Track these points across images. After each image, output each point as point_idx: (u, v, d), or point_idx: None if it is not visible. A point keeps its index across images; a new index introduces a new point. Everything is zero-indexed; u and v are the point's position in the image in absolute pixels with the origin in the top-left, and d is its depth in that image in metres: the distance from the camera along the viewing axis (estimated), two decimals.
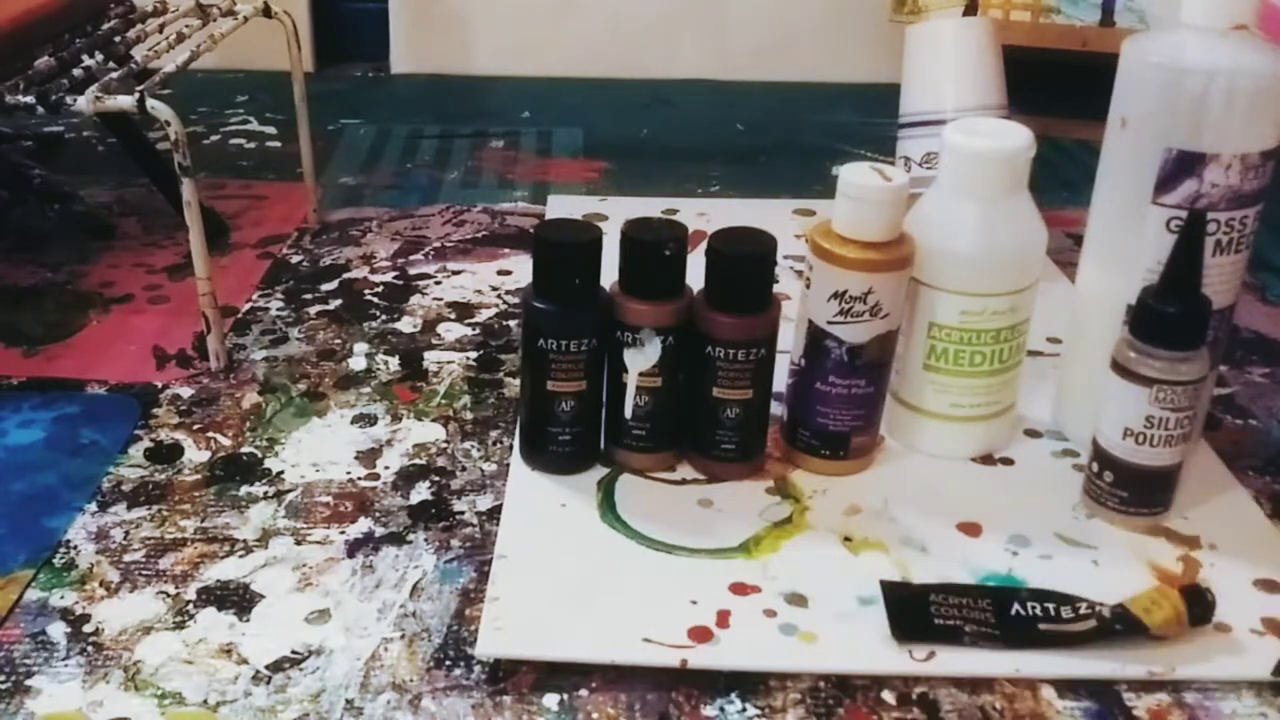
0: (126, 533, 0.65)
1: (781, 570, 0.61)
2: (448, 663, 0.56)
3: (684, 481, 0.69)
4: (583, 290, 0.65)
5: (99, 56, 0.83)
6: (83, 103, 0.74)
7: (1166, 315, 0.61)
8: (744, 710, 0.54)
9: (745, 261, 0.65)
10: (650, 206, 1.04)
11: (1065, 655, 0.56)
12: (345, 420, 0.76)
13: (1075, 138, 1.27)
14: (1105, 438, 0.64)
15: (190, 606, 0.60)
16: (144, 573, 0.62)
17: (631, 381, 0.66)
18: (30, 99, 0.75)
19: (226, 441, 0.74)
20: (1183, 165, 0.62)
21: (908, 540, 0.64)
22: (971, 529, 0.65)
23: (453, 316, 0.90)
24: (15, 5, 0.83)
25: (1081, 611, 0.57)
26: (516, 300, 0.92)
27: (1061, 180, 1.17)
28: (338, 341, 0.86)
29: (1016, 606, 0.57)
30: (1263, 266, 1.00)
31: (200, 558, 0.63)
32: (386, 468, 0.71)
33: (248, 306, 0.91)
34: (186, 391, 0.79)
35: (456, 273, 0.97)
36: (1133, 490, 0.64)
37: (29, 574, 0.62)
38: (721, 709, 0.54)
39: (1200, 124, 0.61)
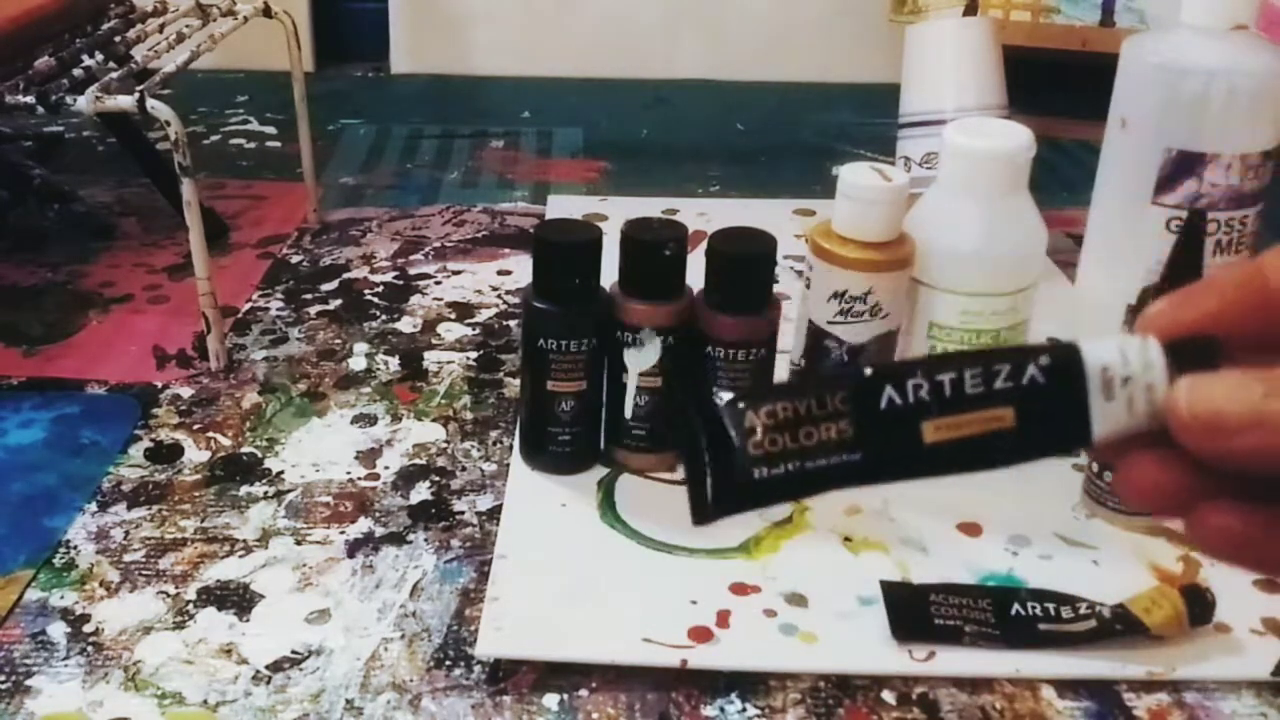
0: (126, 533, 0.65)
1: (781, 570, 0.61)
2: (448, 663, 0.56)
3: (684, 481, 0.68)
4: (583, 290, 0.65)
5: (99, 56, 0.83)
6: (83, 103, 0.74)
7: None
8: (744, 710, 0.54)
9: (745, 261, 0.65)
10: (650, 206, 1.04)
11: (1065, 655, 0.56)
12: (345, 420, 0.76)
13: (1075, 138, 1.27)
14: None
15: (190, 606, 0.60)
16: (144, 573, 0.62)
17: (631, 381, 0.66)
18: (30, 99, 0.75)
19: (226, 441, 0.74)
20: (1183, 165, 0.62)
21: (908, 540, 0.64)
22: (971, 529, 0.65)
23: (453, 316, 0.90)
24: (15, 5, 0.83)
25: (1081, 611, 0.57)
26: (516, 300, 0.92)
27: (1061, 180, 1.17)
28: (338, 341, 0.86)
29: (1016, 606, 0.58)
30: None
31: (200, 558, 0.63)
32: (386, 468, 0.71)
33: (248, 306, 0.91)
34: (186, 391, 0.79)
35: (456, 273, 0.97)
36: None
37: (29, 574, 0.62)
38: (721, 709, 0.54)
39: (1200, 124, 0.61)
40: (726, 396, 0.28)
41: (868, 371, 0.28)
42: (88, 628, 0.58)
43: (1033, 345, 0.27)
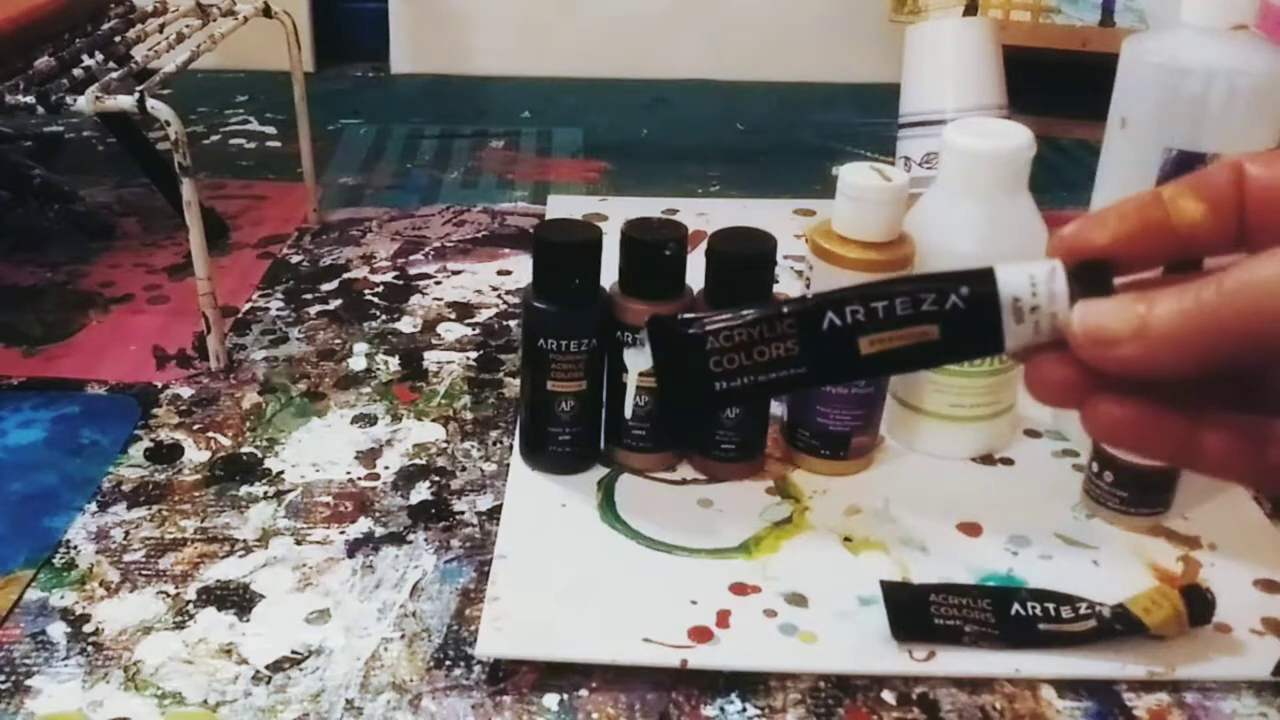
0: (126, 533, 0.65)
1: (781, 570, 0.61)
2: (448, 663, 0.57)
3: (684, 481, 0.69)
4: (583, 290, 0.65)
5: (99, 56, 0.83)
6: (83, 103, 0.74)
7: None
8: (744, 710, 0.54)
9: (745, 261, 0.65)
10: (650, 206, 1.04)
11: (1065, 655, 0.56)
12: (345, 420, 0.76)
13: (1075, 138, 1.27)
14: None
15: (190, 606, 0.60)
16: (144, 573, 0.62)
17: (631, 381, 0.66)
18: (30, 99, 0.75)
19: (226, 441, 0.74)
20: (1183, 165, 0.62)
21: (908, 540, 0.64)
22: (971, 529, 0.65)
23: (453, 316, 0.90)
24: (15, 5, 0.83)
25: (1081, 611, 0.57)
26: (516, 300, 0.92)
27: (1061, 180, 1.17)
28: (338, 341, 0.86)
29: (1016, 606, 0.57)
30: None
31: (200, 558, 0.63)
32: (386, 468, 0.71)
33: (248, 306, 0.91)
34: (186, 391, 0.79)
35: (456, 273, 0.97)
36: (1133, 490, 0.64)
37: (29, 574, 0.62)
38: (721, 709, 0.54)
39: (1200, 124, 0.61)
40: (694, 318, 0.33)
41: (811, 299, 0.32)
42: (88, 628, 0.58)
43: (955, 273, 0.32)
